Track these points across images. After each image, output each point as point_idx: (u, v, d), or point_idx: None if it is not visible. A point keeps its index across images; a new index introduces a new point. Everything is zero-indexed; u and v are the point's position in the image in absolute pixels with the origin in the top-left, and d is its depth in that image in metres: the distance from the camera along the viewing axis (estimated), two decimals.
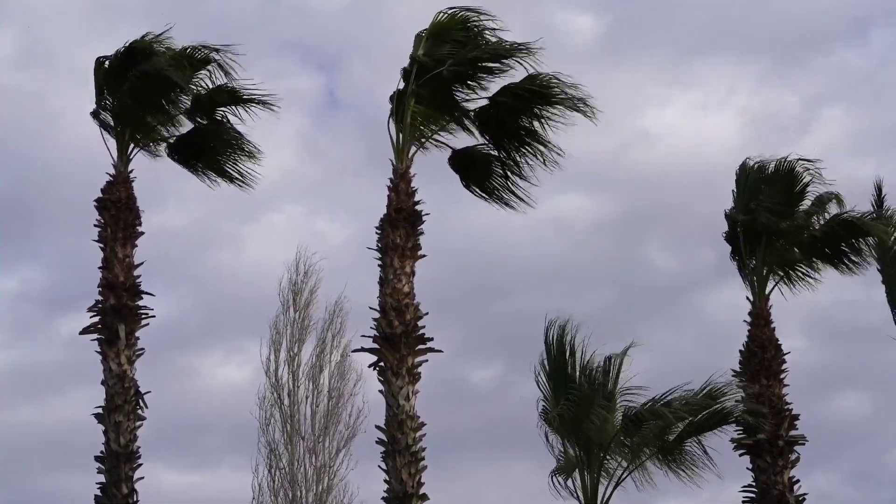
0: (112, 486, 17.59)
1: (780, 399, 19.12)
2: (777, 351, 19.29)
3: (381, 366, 17.45)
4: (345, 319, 31.86)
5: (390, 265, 17.70)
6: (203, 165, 20.02)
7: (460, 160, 19.28)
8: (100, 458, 17.82)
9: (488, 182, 19.42)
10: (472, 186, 19.50)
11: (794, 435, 19.02)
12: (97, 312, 18.20)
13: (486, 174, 19.36)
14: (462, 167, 19.36)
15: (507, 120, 18.68)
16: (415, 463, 17.07)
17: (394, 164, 18.18)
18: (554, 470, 17.37)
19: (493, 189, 19.46)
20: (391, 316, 17.48)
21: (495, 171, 19.31)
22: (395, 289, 17.57)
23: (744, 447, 18.97)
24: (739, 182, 20.09)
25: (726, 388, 17.41)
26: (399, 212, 17.88)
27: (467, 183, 19.49)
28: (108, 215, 18.45)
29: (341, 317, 31.91)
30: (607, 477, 17.33)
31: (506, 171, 19.26)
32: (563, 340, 17.54)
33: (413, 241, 17.86)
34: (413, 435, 17.13)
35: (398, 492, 16.94)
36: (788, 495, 18.69)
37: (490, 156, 19.23)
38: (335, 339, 31.72)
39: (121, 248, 18.35)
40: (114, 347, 18.00)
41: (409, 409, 17.21)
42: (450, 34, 18.33)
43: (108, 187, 18.63)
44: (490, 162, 19.26)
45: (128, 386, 17.93)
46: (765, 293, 19.62)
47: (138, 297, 18.32)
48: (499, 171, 19.30)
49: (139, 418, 17.97)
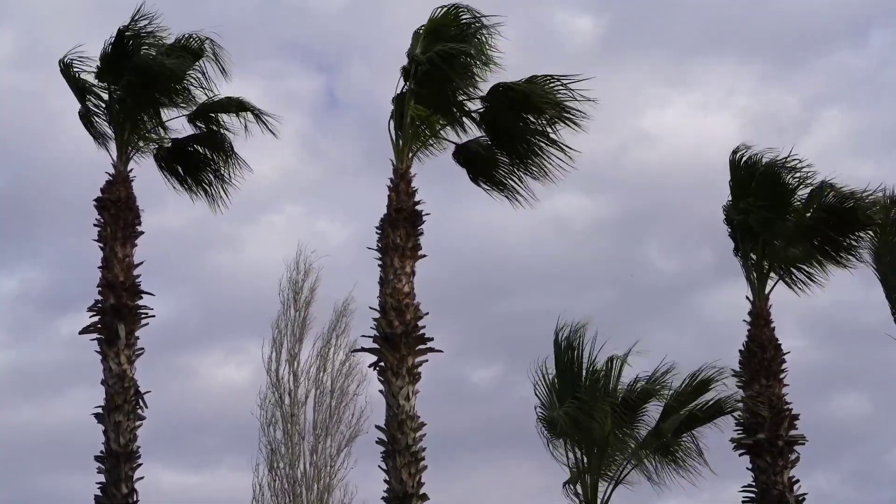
0: (112, 485, 17.60)
1: (779, 399, 19.08)
2: (777, 351, 19.24)
3: (382, 366, 17.46)
4: (350, 320, 31.90)
5: (390, 265, 17.71)
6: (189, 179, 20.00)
7: (465, 153, 19.20)
8: (100, 458, 17.82)
9: (496, 173, 19.32)
10: (479, 179, 19.40)
11: (794, 435, 18.98)
12: (97, 312, 18.19)
13: (492, 165, 19.26)
14: (468, 161, 19.28)
15: (509, 120, 18.65)
16: (415, 463, 17.08)
17: (394, 164, 18.19)
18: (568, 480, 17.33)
19: (501, 181, 19.36)
20: (391, 316, 17.49)
21: (501, 162, 19.21)
22: (395, 289, 17.58)
23: (744, 447, 18.94)
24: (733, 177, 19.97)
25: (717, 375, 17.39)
26: (399, 212, 17.88)
27: (475, 176, 19.39)
28: (108, 215, 18.44)
29: (346, 317, 31.91)
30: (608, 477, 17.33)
31: (512, 162, 19.15)
32: (573, 341, 17.54)
33: (413, 241, 17.86)
34: (413, 435, 17.14)
35: (398, 492, 16.95)
36: (788, 495, 18.66)
37: (494, 148, 19.15)
38: (339, 339, 31.71)
39: (120, 248, 18.34)
40: (114, 347, 18.00)
41: (409, 409, 17.22)
42: (447, 31, 18.23)
43: (108, 186, 18.61)
44: (495, 154, 19.19)
45: (127, 386, 17.93)
46: (764, 292, 19.58)
47: (138, 297, 18.31)
48: (505, 161, 19.19)
49: (139, 418, 17.97)
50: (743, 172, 19.72)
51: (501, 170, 19.29)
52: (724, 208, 20.06)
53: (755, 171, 19.62)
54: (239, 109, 19.25)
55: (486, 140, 19.08)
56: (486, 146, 19.15)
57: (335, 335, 31.61)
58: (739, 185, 19.78)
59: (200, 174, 19.93)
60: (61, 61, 18.93)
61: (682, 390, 17.19)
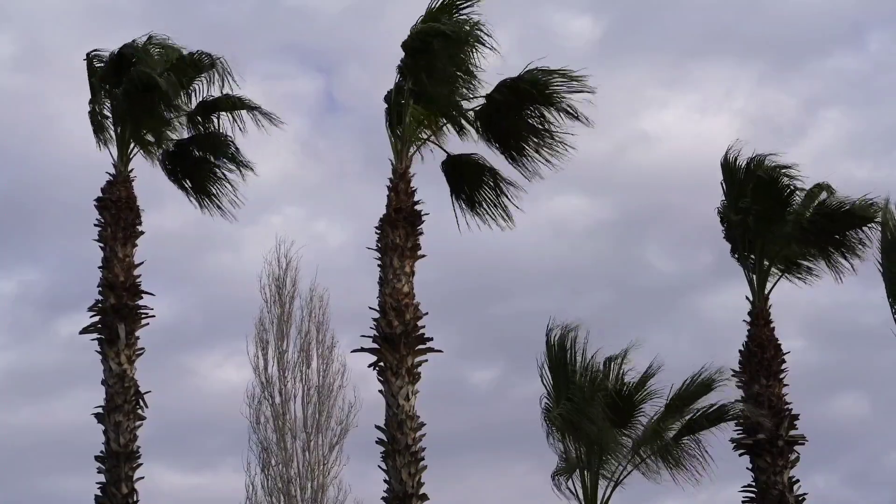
0: (112, 485, 17.60)
1: (779, 399, 19.08)
2: (777, 351, 19.23)
3: (381, 366, 17.46)
4: (326, 309, 31.36)
5: (390, 265, 17.70)
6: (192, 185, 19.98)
7: (451, 167, 19.06)
8: (100, 458, 17.83)
9: (477, 194, 19.12)
10: (459, 198, 19.16)
11: (794, 435, 18.99)
12: (97, 312, 18.20)
13: (475, 184, 19.09)
14: (452, 176, 19.10)
15: (506, 116, 18.60)
16: (415, 463, 17.08)
17: (393, 164, 18.17)
18: (555, 471, 17.34)
19: (481, 202, 19.15)
20: (391, 316, 17.48)
21: (486, 183, 19.06)
22: (394, 289, 17.57)
23: (743, 447, 18.94)
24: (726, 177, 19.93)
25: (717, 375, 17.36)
26: (399, 211, 17.87)
27: (456, 193, 19.16)
28: (109, 215, 18.44)
29: (322, 307, 31.38)
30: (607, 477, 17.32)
31: (497, 183, 19.01)
32: (565, 342, 17.52)
33: (413, 240, 17.86)
34: (413, 435, 17.14)
35: (398, 492, 16.94)
36: (788, 495, 18.66)
37: (482, 166, 19.01)
38: (318, 331, 31.22)
39: (121, 248, 18.34)
40: (114, 347, 18.00)
41: (408, 409, 17.22)
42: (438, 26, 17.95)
43: (109, 187, 18.62)
44: (482, 172, 19.04)
45: (128, 385, 17.93)
46: (764, 292, 19.58)
47: (138, 297, 18.32)
48: (489, 183, 19.04)
49: (139, 418, 17.97)
50: (737, 172, 19.70)
51: (484, 192, 19.07)
52: (717, 209, 20.05)
53: (751, 170, 19.62)
54: (237, 108, 19.23)
55: (476, 155, 18.94)
56: (474, 163, 18.95)
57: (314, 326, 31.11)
58: (733, 185, 19.76)
59: (206, 182, 19.87)
60: (88, 55, 18.97)
61: (683, 392, 17.16)
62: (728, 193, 19.85)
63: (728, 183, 19.81)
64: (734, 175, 19.69)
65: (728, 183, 19.81)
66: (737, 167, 19.71)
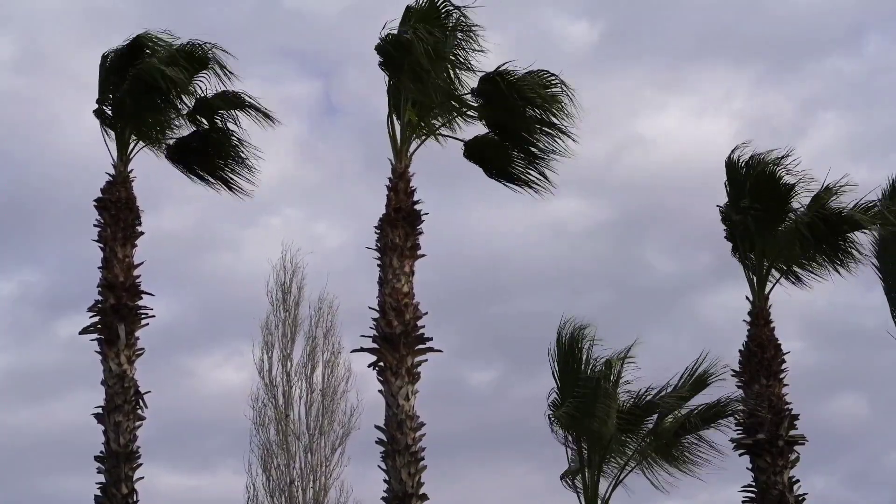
0: (112, 486, 17.57)
1: (779, 399, 19.06)
2: (777, 351, 19.21)
3: (381, 366, 17.45)
4: (335, 316, 31.67)
5: (389, 265, 17.69)
6: (202, 170, 19.93)
7: (478, 151, 19.07)
8: (99, 459, 17.80)
9: (511, 168, 19.18)
10: (496, 176, 19.21)
11: (794, 435, 18.97)
12: (97, 312, 18.17)
13: (507, 160, 19.12)
14: (482, 159, 19.13)
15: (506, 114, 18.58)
16: (414, 463, 17.07)
17: (392, 164, 18.16)
18: (565, 472, 17.34)
19: (518, 175, 19.19)
20: (390, 316, 17.47)
21: (515, 157, 19.08)
22: (394, 288, 17.56)
23: (743, 447, 18.94)
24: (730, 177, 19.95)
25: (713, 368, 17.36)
26: (398, 211, 17.86)
27: (491, 173, 19.22)
28: (108, 215, 18.42)
29: (331, 314, 31.69)
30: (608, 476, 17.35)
31: (527, 155, 19.02)
32: (574, 341, 17.54)
33: (412, 240, 17.85)
34: (413, 435, 17.13)
35: (398, 492, 16.93)
36: (788, 495, 18.65)
37: (504, 143, 19.05)
38: (326, 336, 31.50)
39: (120, 248, 18.32)
40: (113, 347, 17.97)
41: (408, 409, 17.21)
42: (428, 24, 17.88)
43: (108, 187, 18.59)
44: (507, 148, 19.05)
45: (127, 386, 17.91)
46: (764, 292, 19.57)
47: (138, 297, 18.28)
48: (520, 156, 19.07)
49: (139, 418, 17.94)
50: (741, 173, 19.71)
51: (517, 164, 19.12)
52: (719, 208, 20.06)
53: (754, 171, 19.61)
54: (236, 106, 19.20)
55: (492, 135, 18.98)
56: (496, 142, 19.00)
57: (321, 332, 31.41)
58: (736, 185, 19.77)
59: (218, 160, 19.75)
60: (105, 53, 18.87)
61: (680, 386, 17.17)
62: (731, 193, 19.88)
63: (731, 183, 19.84)
64: (737, 175, 19.72)
65: (731, 183, 19.84)
66: (741, 165, 19.73)
